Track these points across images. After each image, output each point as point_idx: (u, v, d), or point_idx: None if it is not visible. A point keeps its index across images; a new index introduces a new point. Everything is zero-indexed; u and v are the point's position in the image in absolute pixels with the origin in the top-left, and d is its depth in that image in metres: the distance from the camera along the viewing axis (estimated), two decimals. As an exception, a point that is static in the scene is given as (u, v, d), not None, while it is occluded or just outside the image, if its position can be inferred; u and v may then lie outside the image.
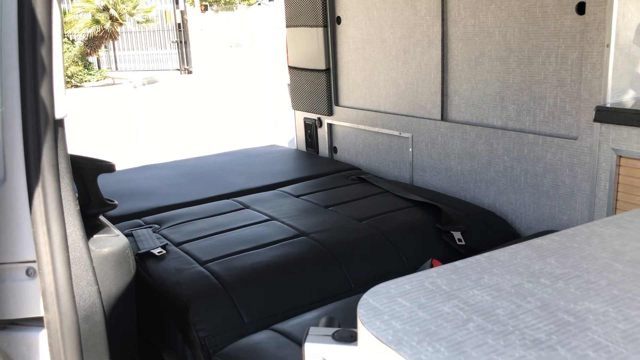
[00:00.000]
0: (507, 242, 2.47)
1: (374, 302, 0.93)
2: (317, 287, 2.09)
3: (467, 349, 0.78)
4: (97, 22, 15.78)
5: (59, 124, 1.32)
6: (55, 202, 1.30)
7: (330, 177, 3.28)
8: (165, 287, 2.02)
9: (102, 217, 1.72)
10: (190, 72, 18.15)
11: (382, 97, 3.39)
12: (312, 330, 1.06)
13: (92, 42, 16.10)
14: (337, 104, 3.76)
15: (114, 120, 10.31)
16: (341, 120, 3.74)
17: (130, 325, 1.62)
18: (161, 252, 2.22)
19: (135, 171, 3.59)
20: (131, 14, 16.53)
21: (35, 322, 1.39)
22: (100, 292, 1.37)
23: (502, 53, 2.66)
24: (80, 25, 15.79)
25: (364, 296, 0.94)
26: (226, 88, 14.16)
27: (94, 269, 1.36)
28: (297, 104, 4.09)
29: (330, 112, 3.79)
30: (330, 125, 3.86)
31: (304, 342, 1.02)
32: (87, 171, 1.60)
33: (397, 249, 2.33)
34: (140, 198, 2.99)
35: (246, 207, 2.81)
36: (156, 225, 2.60)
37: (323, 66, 3.73)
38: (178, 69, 18.44)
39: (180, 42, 18.20)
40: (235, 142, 7.90)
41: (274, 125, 9.22)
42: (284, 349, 1.64)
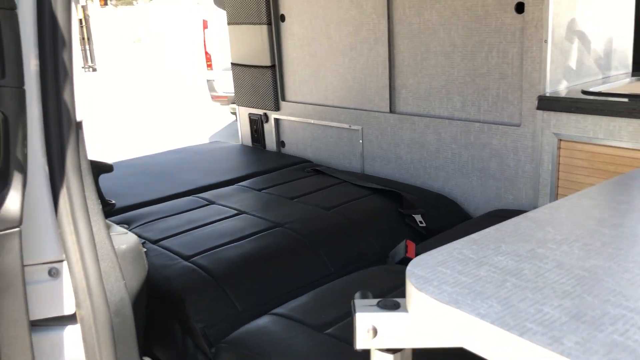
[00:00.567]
0: (461, 223, 2.71)
1: (420, 272, 1.08)
2: (301, 273, 2.22)
3: (515, 303, 0.94)
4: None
5: (79, 126, 1.37)
6: (80, 202, 1.35)
7: (286, 171, 3.40)
8: (155, 283, 2.07)
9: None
10: (95, 70, 17.51)
11: (330, 92, 3.54)
12: (357, 302, 1.19)
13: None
14: (284, 99, 3.87)
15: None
16: (288, 114, 3.86)
17: (144, 320, 1.68)
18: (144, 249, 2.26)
19: None
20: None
21: (58, 321, 1.43)
22: (127, 287, 1.43)
23: (447, 49, 2.88)
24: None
25: (408, 268, 1.08)
26: (134, 85, 13.86)
27: (120, 265, 1.42)
28: (242, 100, 4.17)
29: (277, 108, 3.90)
30: (277, 120, 3.97)
31: (355, 312, 1.15)
32: None
33: (367, 233, 2.50)
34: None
35: (211, 202, 2.88)
36: (125, 225, 2.62)
37: (268, 62, 3.83)
38: (83, 67, 17.72)
39: (83, 38, 17.46)
40: (157, 141, 7.81)
41: (193, 122, 9.16)
42: (291, 330, 1.76)
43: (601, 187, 1.49)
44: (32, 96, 1.30)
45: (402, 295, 1.12)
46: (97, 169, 1.67)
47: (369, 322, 1.13)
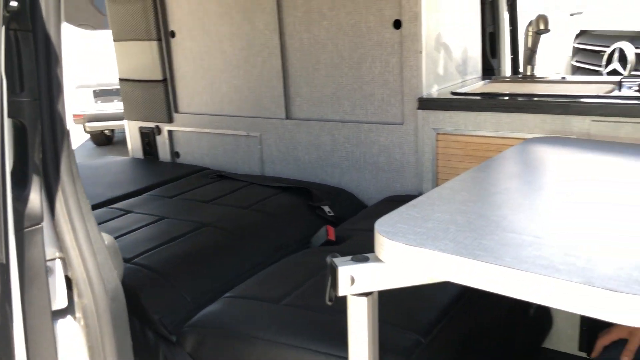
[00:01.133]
0: (362, 210, 3.11)
1: (386, 229, 1.42)
2: (237, 264, 2.46)
3: (461, 240, 1.32)
4: None
5: (68, 135, 1.52)
6: (75, 202, 1.50)
7: (191, 178, 3.58)
8: (105, 285, 2.19)
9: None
10: None
11: (226, 103, 3.79)
12: (336, 260, 1.49)
13: None
14: (177, 111, 4.04)
15: None
16: (183, 126, 4.04)
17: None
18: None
19: None
20: None
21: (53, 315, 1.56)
22: (119, 277, 1.60)
23: (336, 60, 3.28)
24: None
25: (376, 227, 1.42)
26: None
27: (111, 257, 1.59)
28: (131, 115, 4.25)
29: (170, 120, 4.06)
30: (170, 132, 4.12)
31: (336, 266, 1.44)
32: None
33: (286, 225, 2.81)
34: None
35: (128, 211, 3.00)
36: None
37: (160, 77, 3.99)
38: None
39: None
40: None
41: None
42: (249, 306, 2.00)
43: (475, 170, 1.95)
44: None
45: None
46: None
47: (348, 273, 1.44)
